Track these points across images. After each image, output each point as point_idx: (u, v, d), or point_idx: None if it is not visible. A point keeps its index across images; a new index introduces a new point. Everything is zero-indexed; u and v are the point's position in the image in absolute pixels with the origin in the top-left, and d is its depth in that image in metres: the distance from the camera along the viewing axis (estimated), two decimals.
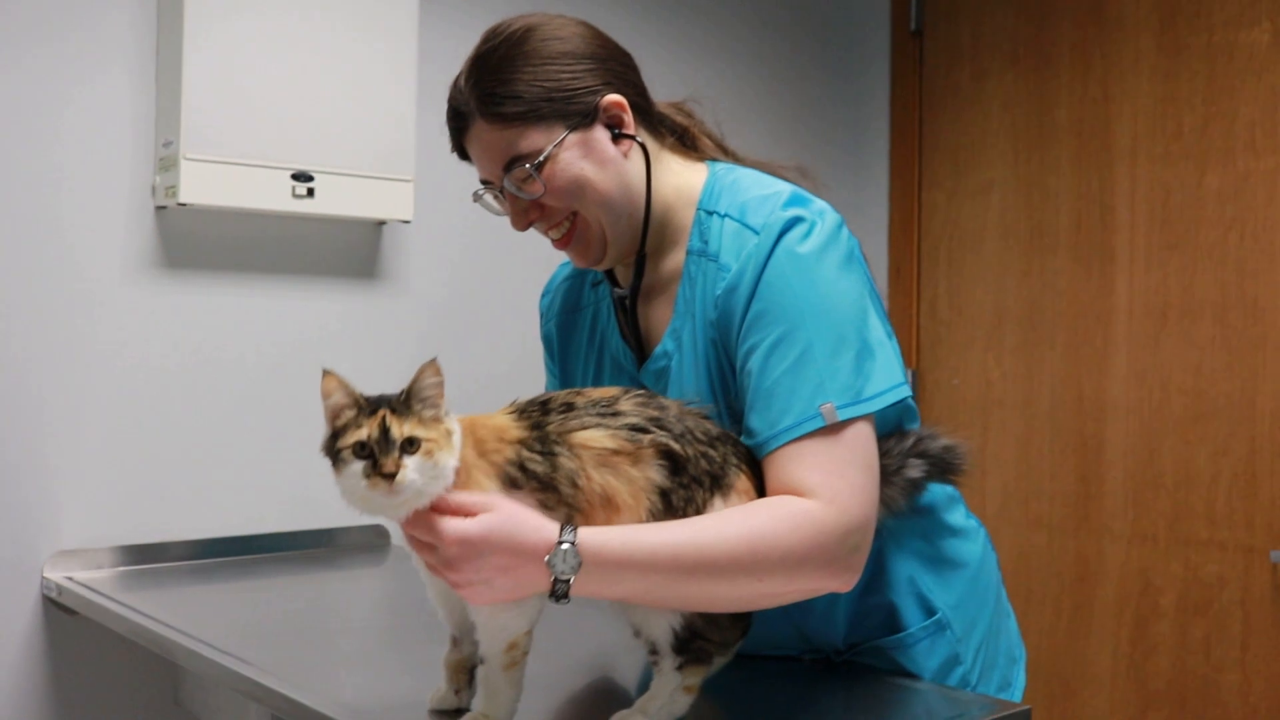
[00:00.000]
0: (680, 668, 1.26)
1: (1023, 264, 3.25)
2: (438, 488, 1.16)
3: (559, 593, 1.17)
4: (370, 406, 1.17)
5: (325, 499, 2.51)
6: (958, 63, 3.40)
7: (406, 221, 2.55)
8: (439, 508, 1.17)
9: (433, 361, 1.18)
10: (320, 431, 1.19)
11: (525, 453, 1.22)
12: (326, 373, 1.18)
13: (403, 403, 1.17)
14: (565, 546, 1.16)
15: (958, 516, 1.58)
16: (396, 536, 2.60)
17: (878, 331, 1.35)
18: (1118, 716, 3.03)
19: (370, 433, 1.14)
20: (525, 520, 1.17)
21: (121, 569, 2.25)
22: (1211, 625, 2.88)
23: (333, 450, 1.17)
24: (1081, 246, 3.12)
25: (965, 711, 1.40)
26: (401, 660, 1.67)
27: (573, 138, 1.37)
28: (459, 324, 2.73)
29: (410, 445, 1.14)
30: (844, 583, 1.27)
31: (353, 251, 2.60)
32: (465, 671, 1.31)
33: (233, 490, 2.42)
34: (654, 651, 1.28)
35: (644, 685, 1.32)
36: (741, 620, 1.33)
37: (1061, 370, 3.15)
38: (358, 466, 1.15)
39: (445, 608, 1.29)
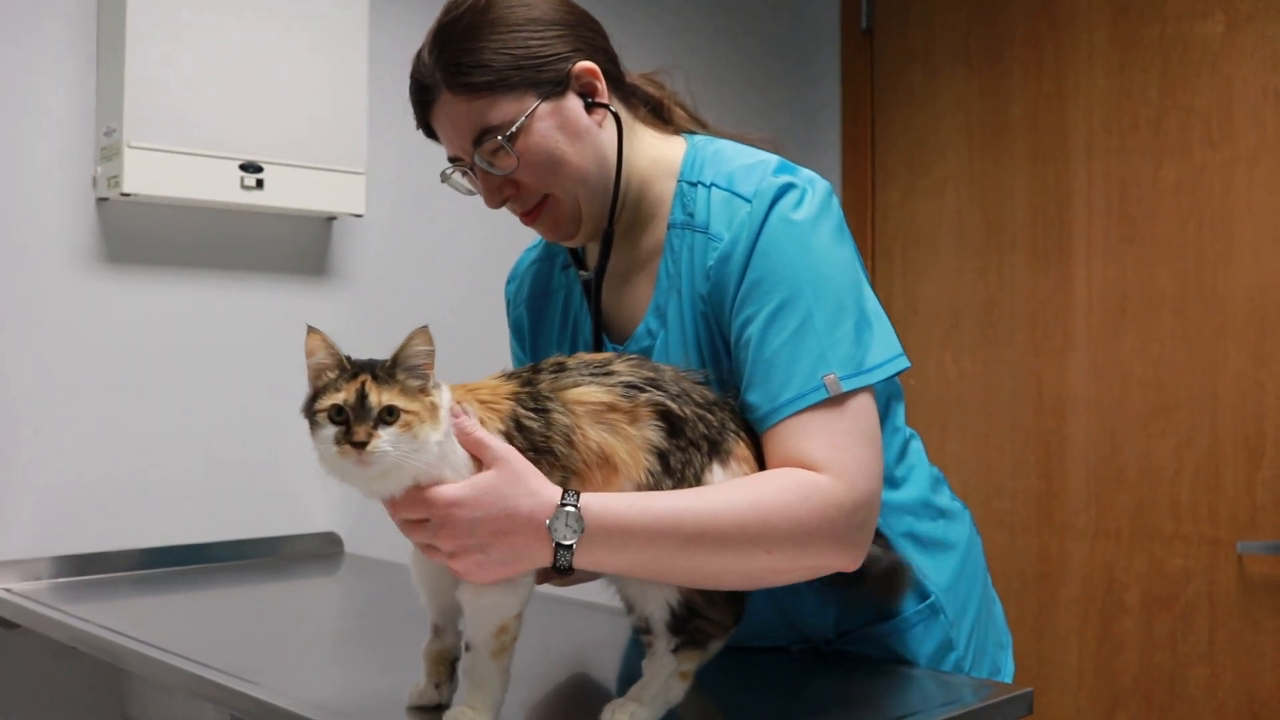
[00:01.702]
0: (676, 650, 1.22)
1: (979, 261, 3.24)
2: (417, 463, 1.11)
3: (561, 563, 1.13)
4: (352, 370, 1.13)
5: (276, 505, 2.47)
6: (910, 61, 3.40)
7: (358, 215, 2.51)
8: (463, 437, 1.13)
9: (424, 328, 1.13)
10: (276, 425, 1.13)
11: (519, 409, 1.18)
12: (311, 330, 1.14)
13: (386, 370, 1.13)
14: (569, 509, 1.12)
15: (944, 498, 1.56)
16: (351, 544, 2.55)
17: (873, 301, 1.33)
18: (1085, 715, 3.01)
19: (347, 397, 1.10)
20: (523, 480, 1.13)
21: (62, 580, 2.18)
22: (1178, 620, 2.88)
23: (310, 411, 1.13)
24: (1039, 242, 3.12)
25: (961, 696, 1.39)
26: (371, 658, 1.63)
27: (545, 107, 1.33)
28: (413, 322, 2.50)
29: (389, 415, 1.10)
30: (852, 560, 1.24)
31: (303, 247, 2.55)
32: (447, 664, 1.26)
33: (179, 496, 2.36)
34: (647, 631, 1.23)
35: (626, 678, 1.29)
36: (738, 603, 1.29)
37: (1021, 367, 3.15)
38: (330, 431, 1.11)
39: (428, 590, 1.24)
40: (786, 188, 1.31)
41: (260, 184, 2.32)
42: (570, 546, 1.13)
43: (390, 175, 2.61)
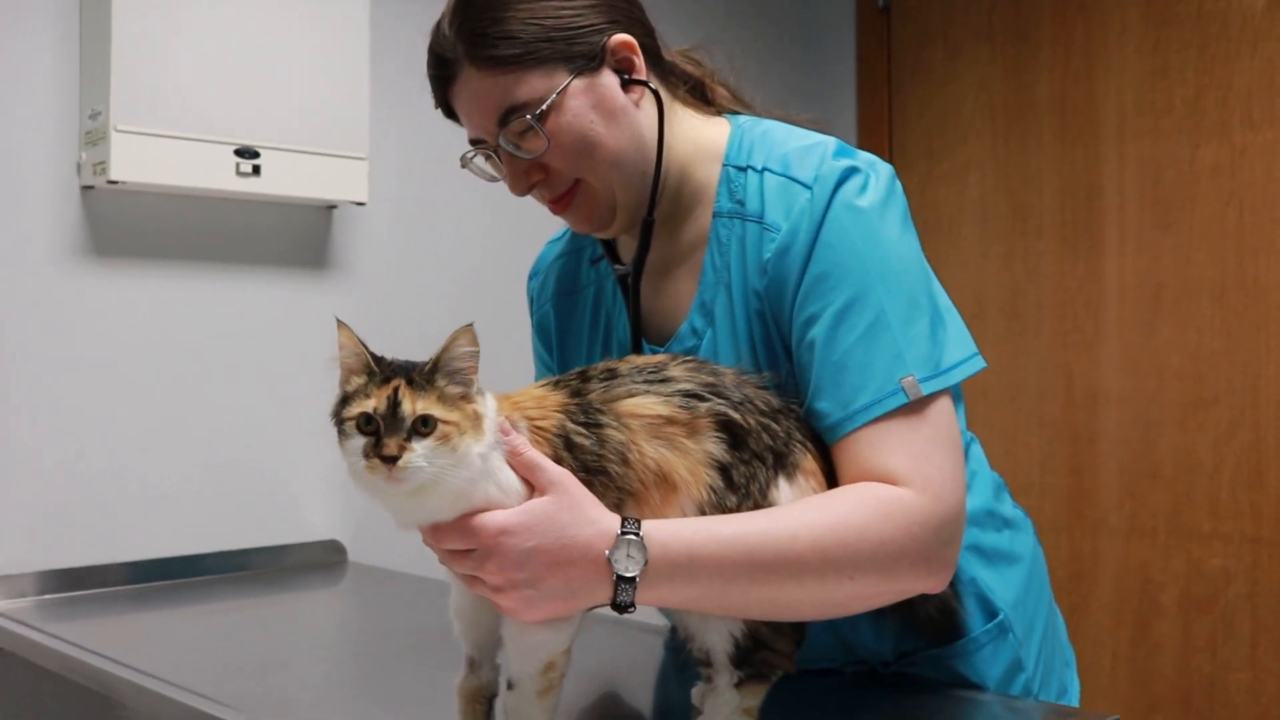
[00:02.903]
0: (739, 684, 1.14)
1: (1004, 249, 3.21)
2: (455, 479, 1.02)
3: (622, 598, 1.05)
4: (385, 374, 1.03)
5: (274, 512, 2.40)
6: (929, 39, 3.36)
7: (360, 204, 2.46)
8: (514, 457, 1.06)
9: (468, 327, 1.04)
10: (274, 426, 1.02)
11: (569, 424, 1.10)
12: (341, 325, 1.05)
13: (425, 374, 1.03)
14: (630, 538, 1.05)
15: (1007, 506, 1.49)
16: (355, 553, 2.50)
17: (944, 295, 1.29)
18: None
19: (377, 405, 1.02)
20: (581, 508, 1.06)
21: (48, 597, 2.12)
22: (1218, 622, 2.85)
23: (338, 418, 1.04)
24: (1067, 228, 3.09)
25: None
26: (383, 685, 1.56)
27: (578, 84, 1.25)
28: (418, 318, 2.62)
29: (423, 425, 1.01)
30: (938, 581, 1.18)
31: (302, 238, 2.50)
32: (483, 701, 1.17)
33: (172, 505, 2.30)
34: (706, 663, 1.16)
35: (662, 706, 1.27)
36: (800, 627, 1.20)
37: (1049, 359, 3.12)
38: (359, 443, 1.02)
39: (464, 621, 1.16)
40: (850, 171, 1.23)
41: (257, 170, 2.27)
42: (633, 579, 1.05)
43: (394, 161, 2.56)
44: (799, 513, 1.11)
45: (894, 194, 1.25)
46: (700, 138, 1.35)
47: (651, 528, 1.06)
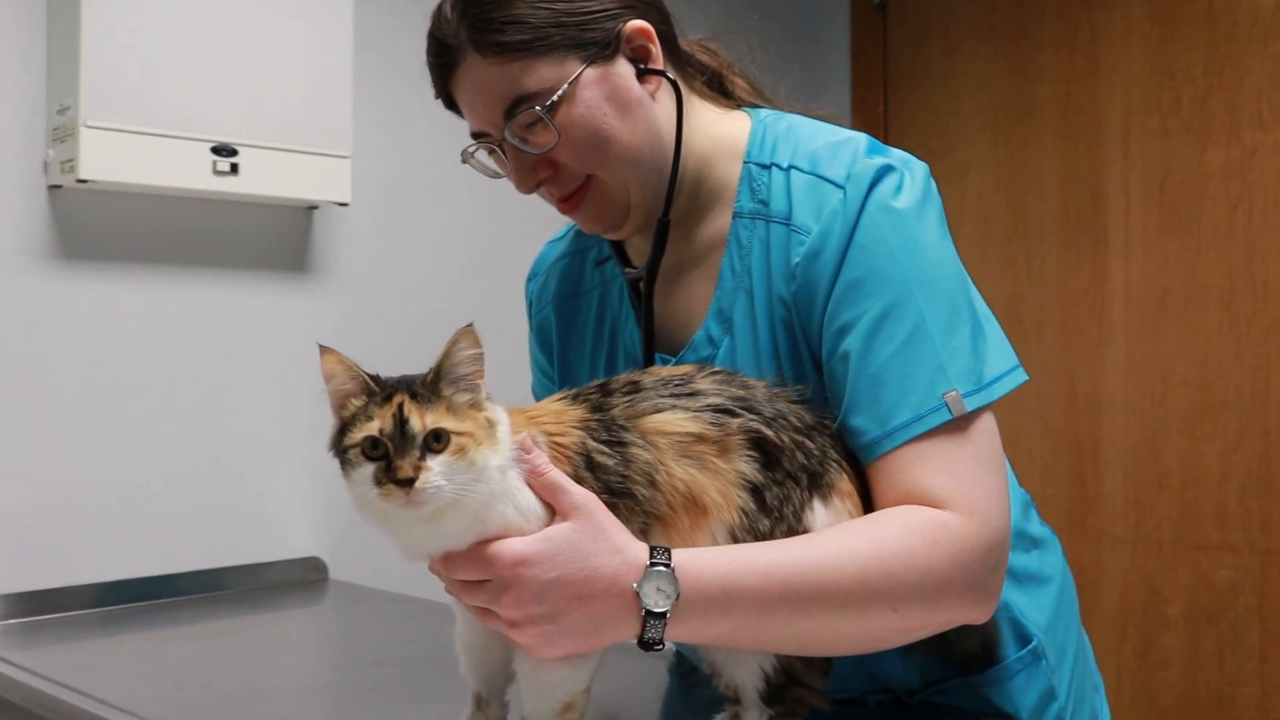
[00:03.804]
0: None
1: (1005, 252, 3.19)
2: (479, 495, 0.96)
3: (651, 635, 1.00)
4: (385, 391, 0.97)
5: (251, 528, 2.34)
6: (926, 37, 3.35)
7: (343, 204, 2.42)
8: (535, 478, 1.01)
9: (468, 328, 0.98)
10: (251, 438, 0.94)
11: (590, 441, 1.04)
12: (325, 350, 0.99)
13: (428, 385, 0.97)
14: (660, 569, 1.00)
15: (1035, 525, 1.44)
16: (336, 570, 2.45)
17: (982, 303, 1.24)
18: None
19: (383, 425, 0.95)
20: (606, 535, 1.01)
21: (12, 622, 2.07)
22: (1225, 635, 2.83)
23: (339, 448, 0.99)
24: (1070, 231, 3.07)
25: None
26: (369, 714, 1.53)
27: (591, 73, 1.19)
28: (403, 324, 2.59)
29: (436, 441, 0.96)
30: (984, 610, 1.13)
31: (282, 239, 2.46)
32: None
33: (142, 521, 2.25)
34: (735, 700, 1.13)
35: None
36: (830, 660, 1.17)
37: (1051, 364, 3.09)
38: (368, 470, 0.96)
39: (472, 655, 1.12)
40: (884, 170, 1.18)
41: (234, 169, 2.23)
42: (663, 615, 1.00)
43: (378, 159, 2.53)
44: (839, 539, 1.06)
45: (930, 194, 1.20)
46: (719, 133, 1.30)
47: (682, 558, 1.01)
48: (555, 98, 1.16)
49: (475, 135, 1.24)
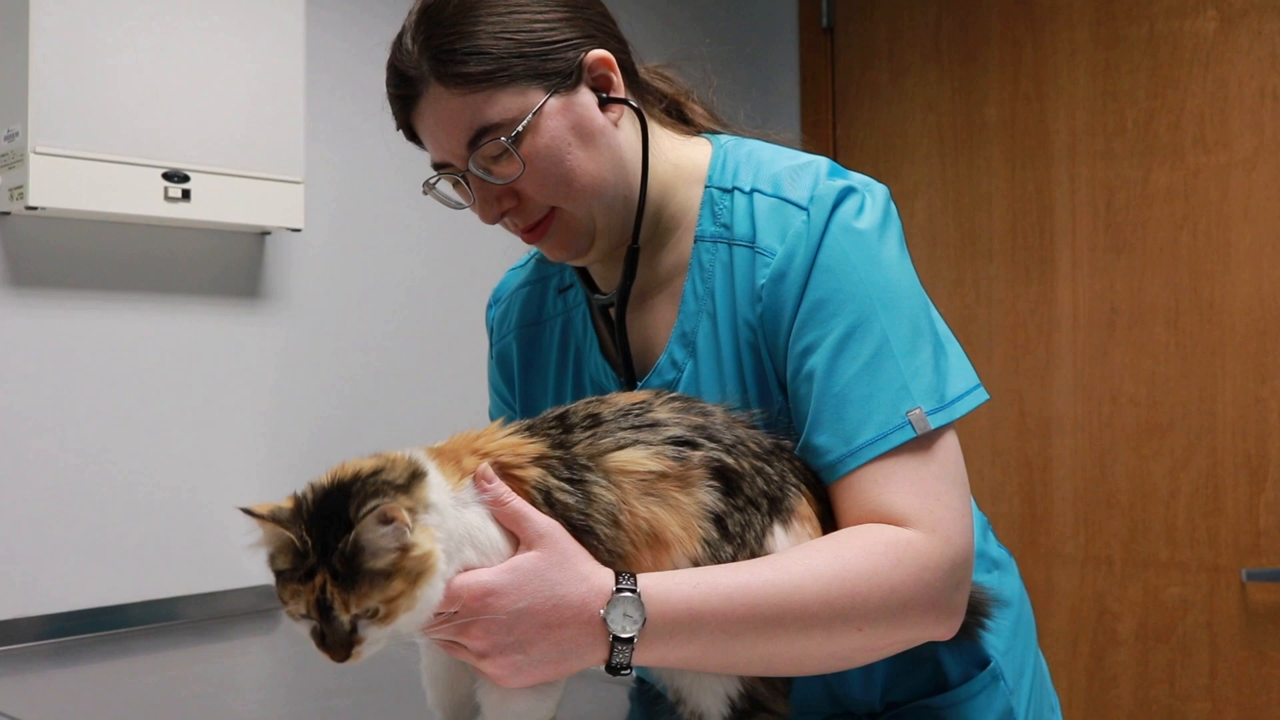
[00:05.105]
0: None
1: (953, 273, 3.19)
2: (418, 622, 0.96)
3: (618, 660, 1.00)
4: (307, 567, 0.93)
5: (204, 557, 2.33)
6: (874, 60, 3.34)
7: (296, 230, 2.41)
8: (498, 508, 1.02)
9: (373, 511, 0.92)
10: (202, 466, 0.93)
11: (551, 479, 1.03)
12: (247, 513, 0.96)
13: (345, 559, 0.93)
14: (626, 595, 1.01)
15: (993, 546, 1.45)
16: None
17: (942, 323, 1.25)
18: None
19: (308, 609, 0.94)
20: (572, 563, 1.02)
21: None
22: (1175, 652, 2.83)
23: (277, 591, 0.98)
24: (1018, 252, 3.08)
25: None
26: None
27: (554, 103, 1.19)
28: (356, 350, 2.59)
29: (367, 615, 0.95)
30: (948, 629, 1.14)
31: (234, 265, 2.45)
32: None
33: (92, 551, 2.23)
34: None
35: None
36: (791, 680, 1.17)
37: (1000, 385, 3.09)
38: (304, 627, 0.97)
39: (438, 688, 1.12)
40: (846, 192, 1.20)
41: (186, 195, 2.21)
42: (630, 640, 1.01)
43: (331, 185, 2.52)
44: (803, 559, 1.07)
45: (891, 216, 1.21)
46: (680, 159, 1.30)
47: (648, 583, 1.02)
48: (520, 128, 1.16)
49: (437, 166, 1.24)
